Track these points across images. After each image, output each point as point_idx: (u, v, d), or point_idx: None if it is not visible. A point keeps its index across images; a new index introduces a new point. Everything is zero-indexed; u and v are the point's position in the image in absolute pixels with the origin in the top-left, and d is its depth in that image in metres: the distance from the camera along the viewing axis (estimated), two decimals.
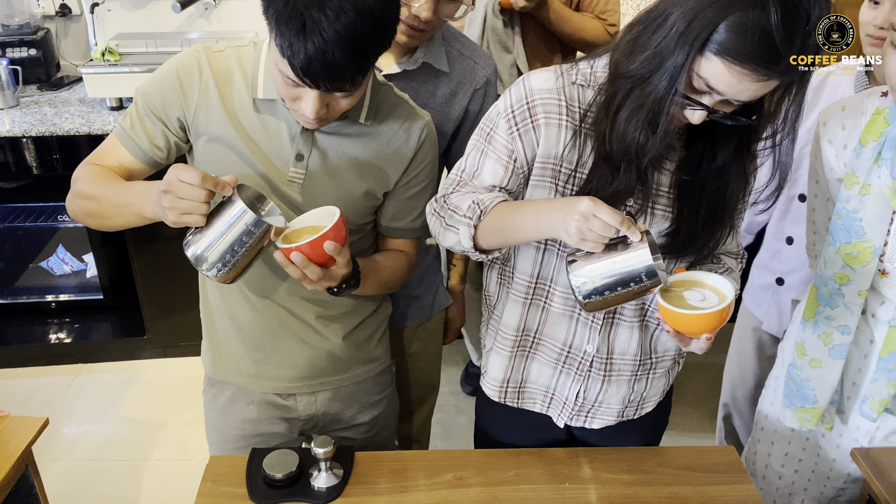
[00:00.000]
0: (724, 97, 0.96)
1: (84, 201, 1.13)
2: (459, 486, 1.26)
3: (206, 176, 0.96)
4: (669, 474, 1.30)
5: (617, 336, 1.23)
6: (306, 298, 1.26)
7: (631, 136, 1.01)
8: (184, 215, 0.98)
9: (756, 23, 0.88)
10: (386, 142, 1.21)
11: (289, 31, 0.95)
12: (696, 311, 1.02)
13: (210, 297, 1.31)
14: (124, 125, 1.16)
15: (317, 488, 1.23)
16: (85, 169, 1.16)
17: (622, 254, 0.98)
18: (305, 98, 1.04)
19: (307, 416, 1.38)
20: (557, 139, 1.10)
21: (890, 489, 1.24)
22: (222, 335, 1.32)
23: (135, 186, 1.10)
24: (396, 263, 1.30)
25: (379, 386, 1.43)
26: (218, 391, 1.38)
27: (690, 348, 1.08)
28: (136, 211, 1.06)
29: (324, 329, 1.30)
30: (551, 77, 1.10)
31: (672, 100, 0.96)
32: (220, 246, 1.00)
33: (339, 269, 1.07)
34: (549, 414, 1.33)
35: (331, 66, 0.97)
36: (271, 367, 1.31)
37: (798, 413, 1.38)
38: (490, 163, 1.14)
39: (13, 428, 1.34)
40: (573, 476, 1.29)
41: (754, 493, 1.26)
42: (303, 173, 1.17)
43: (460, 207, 1.10)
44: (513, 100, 1.11)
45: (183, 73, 1.15)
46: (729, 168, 1.10)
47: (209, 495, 1.23)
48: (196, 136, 1.17)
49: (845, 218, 1.24)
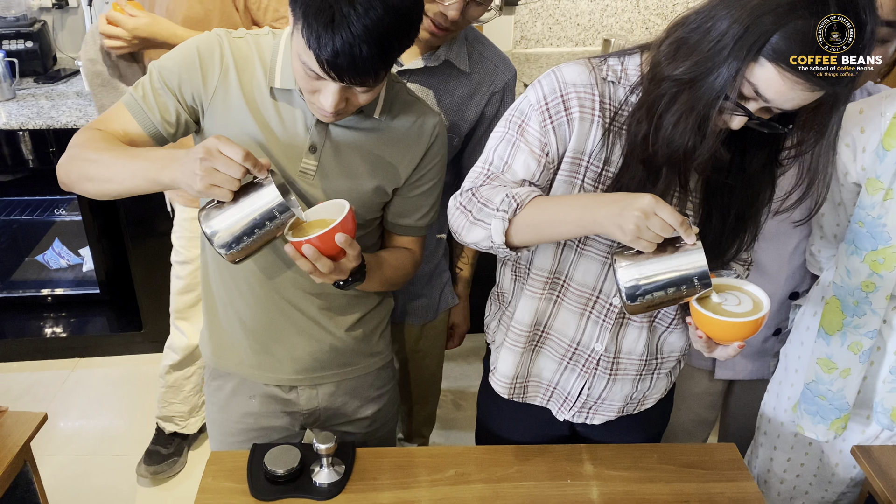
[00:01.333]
0: (769, 104, 0.94)
1: (85, 164, 1.09)
2: (461, 483, 1.26)
3: (248, 154, 0.97)
4: (671, 471, 1.30)
5: (626, 336, 1.22)
6: (309, 291, 1.25)
7: (679, 140, 0.98)
8: (213, 187, 0.97)
9: (816, 32, 0.87)
10: (398, 138, 1.21)
11: (317, 24, 0.95)
12: (735, 319, 1.00)
13: (213, 288, 1.30)
14: (136, 95, 1.14)
15: (318, 484, 1.22)
16: (89, 132, 1.12)
17: (677, 256, 0.96)
18: (325, 91, 1.04)
19: (309, 410, 1.38)
20: (588, 135, 1.08)
21: (890, 487, 1.24)
22: (224, 325, 1.31)
23: (152, 151, 1.07)
24: (401, 261, 1.29)
25: (381, 380, 1.43)
26: (220, 384, 1.38)
27: (715, 354, 1.07)
28: (151, 175, 1.03)
29: (327, 322, 1.29)
30: (584, 70, 1.07)
31: (721, 105, 0.94)
32: (240, 225, 1.00)
33: (348, 262, 1.06)
34: (548, 407, 1.32)
35: (357, 61, 0.97)
36: (273, 359, 1.31)
37: (834, 424, 1.36)
38: (522, 156, 1.09)
39: (11, 423, 1.33)
40: (575, 473, 1.29)
41: (755, 491, 1.26)
42: (315, 165, 1.17)
43: (492, 201, 1.06)
44: (545, 91, 1.07)
45: (204, 54, 1.14)
46: (759, 175, 1.08)
47: (209, 491, 1.22)
48: (210, 119, 1.16)
49: (870, 225, 1.21)
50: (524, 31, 3.14)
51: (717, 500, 1.24)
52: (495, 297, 1.34)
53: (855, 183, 1.26)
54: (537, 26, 3.14)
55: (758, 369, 1.63)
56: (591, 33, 3.17)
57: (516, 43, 3.16)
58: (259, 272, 1.24)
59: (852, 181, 1.27)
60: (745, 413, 1.71)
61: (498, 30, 3.07)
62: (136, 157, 1.06)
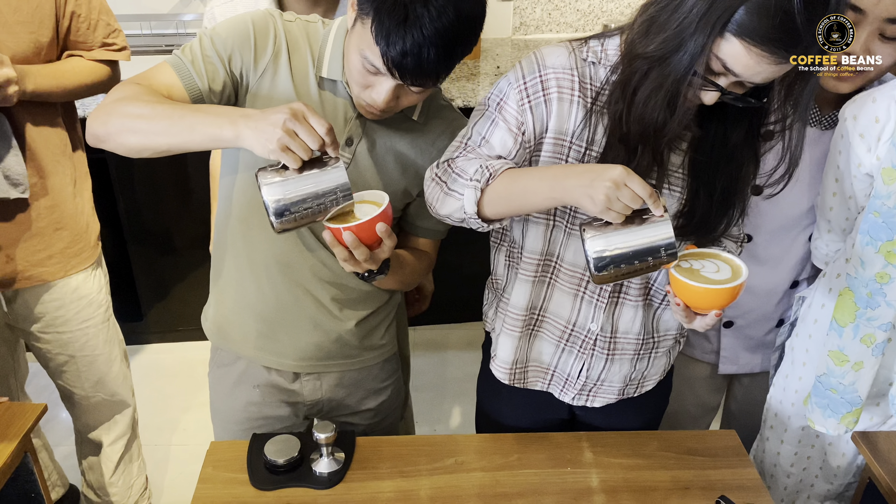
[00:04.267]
0: (739, 78, 0.96)
1: (130, 116, 1.03)
2: (461, 471, 1.26)
3: (331, 128, 0.97)
4: (671, 458, 1.30)
5: (621, 315, 1.23)
6: (327, 280, 1.25)
7: (649, 116, 1.00)
8: (287, 151, 0.95)
9: (778, 5, 0.88)
10: (431, 141, 1.21)
11: (389, 21, 0.95)
12: (710, 286, 1.01)
13: (225, 272, 1.30)
14: (184, 57, 1.11)
15: (318, 473, 1.22)
16: (132, 86, 1.07)
17: (644, 227, 0.98)
18: (379, 86, 1.04)
19: (312, 401, 1.38)
20: (569, 115, 1.09)
21: (890, 472, 1.24)
22: (232, 305, 1.31)
23: (214, 106, 1.05)
24: (418, 262, 1.30)
25: (385, 372, 1.43)
26: (224, 373, 1.38)
27: (695, 325, 1.08)
28: (212, 130, 1.00)
29: (338, 312, 1.29)
30: (564, 53, 1.09)
31: (690, 81, 0.96)
32: (301, 196, 0.99)
33: (382, 253, 1.06)
34: (550, 391, 1.33)
35: (423, 63, 0.98)
36: (278, 344, 1.31)
37: (845, 419, 1.35)
38: (499, 132, 1.11)
39: (12, 414, 1.33)
40: (575, 460, 1.29)
41: (755, 477, 1.26)
42: (349, 158, 1.17)
43: (466, 171, 1.07)
44: (525, 71, 1.09)
45: (259, 31, 1.13)
46: (741, 150, 1.09)
47: (210, 481, 1.23)
48: (254, 96, 1.14)
49: (886, 215, 1.20)
50: (524, 18, 3.12)
51: (716, 487, 1.24)
52: (491, 284, 1.34)
53: (867, 174, 1.25)
54: (537, 12, 3.11)
55: (761, 363, 1.62)
56: (591, 19, 3.15)
57: (515, 29, 3.14)
58: (279, 256, 1.23)
59: (865, 172, 1.25)
60: (749, 403, 1.71)
61: (497, 16, 3.06)
62: (196, 111, 1.02)
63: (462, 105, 2.41)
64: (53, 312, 1.66)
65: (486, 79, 2.63)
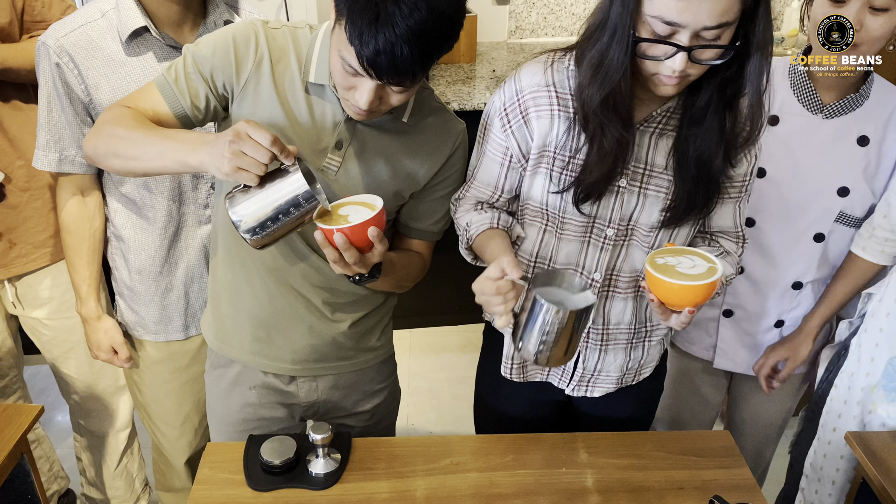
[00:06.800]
0: (686, 27, 0.95)
1: (114, 140, 1.09)
2: (457, 472, 1.27)
3: (275, 139, 0.97)
4: (665, 458, 1.31)
5: (612, 308, 1.26)
6: (318, 285, 1.26)
7: (592, 94, 1.04)
8: (240, 170, 0.97)
9: None
10: (422, 143, 1.22)
11: (361, 21, 0.95)
12: (683, 282, 1.01)
13: (220, 274, 1.31)
14: (168, 77, 1.14)
15: (314, 474, 1.23)
16: (119, 109, 1.12)
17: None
18: (361, 88, 1.04)
19: (308, 403, 1.38)
20: (551, 129, 1.13)
21: (883, 472, 1.25)
22: (228, 311, 1.32)
23: (182, 133, 1.08)
24: (411, 264, 1.30)
25: (381, 375, 1.43)
26: (220, 374, 1.38)
27: (670, 322, 1.09)
28: (180, 157, 1.04)
29: (331, 316, 1.30)
30: (540, 70, 1.13)
31: (629, 46, 0.98)
32: (265, 211, 1.00)
33: (373, 257, 1.07)
34: (549, 381, 1.35)
35: (397, 61, 0.98)
36: (274, 348, 1.32)
37: None
38: (485, 161, 1.21)
39: (8, 416, 1.33)
40: (569, 461, 1.30)
41: (749, 477, 1.27)
42: (339, 162, 1.17)
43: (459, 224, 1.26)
44: (505, 97, 1.16)
45: (240, 42, 1.14)
46: (709, 123, 1.08)
47: (207, 482, 1.23)
48: (239, 107, 1.16)
49: None
50: (519, 22, 3.13)
51: (710, 487, 1.25)
52: None
53: None
54: (532, 16, 3.13)
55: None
56: None
57: (511, 33, 3.15)
58: (270, 261, 1.24)
59: None
60: (751, 410, 1.72)
61: (493, 20, 3.07)
62: (166, 138, 1.06)
63: (458, 108, 2.42)
64: (60, 297, 1.69)
65: (482, 82, 2.65)
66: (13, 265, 1.62)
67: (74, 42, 1.32)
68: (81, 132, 1.38)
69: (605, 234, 1.19)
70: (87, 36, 1.33)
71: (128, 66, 1.34)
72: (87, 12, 1.35)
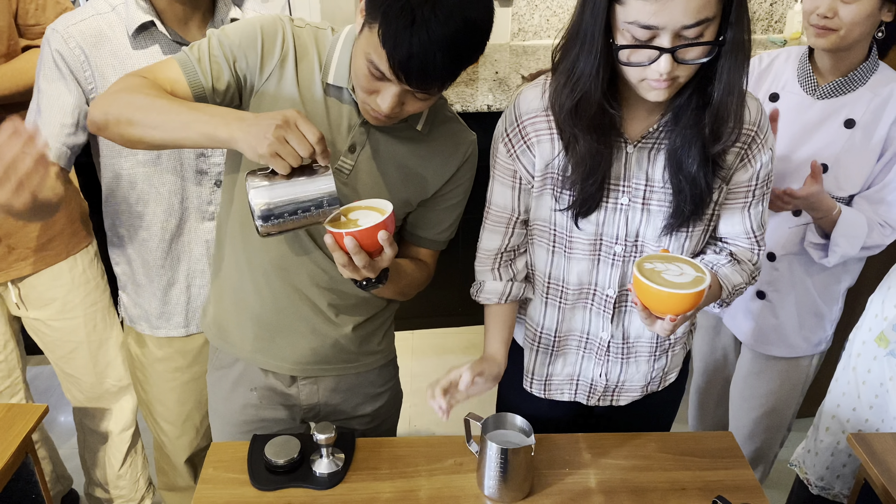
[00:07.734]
0: (664, 28, 0.94)
1: (131, 107, 1.05)
2: (460, 472, 1.27)
3: (322, 138, 0.98)
4: (668, 460, 1.31)
5: (630, 322, 1.26)
6: (323, 286, 1.26)
7: (564, 102, 1.06)
8: (277, 157, 0.97)
9: None
10: (434, 152, 1.22)
11: (396, 24, 0.96)
12: (666, 289, 1.00)
13: (224, 272, 1.31)
14: (191, 55, 1.12)
15: (318, 474, 1.23)
16: (137, 78, 1.08)
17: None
18: (385, 93, 1.04)
19: (309, 405, 1.39)
20: (551, 151, 1.15)
21: (885, 472, 1.25)
22: (231, 308, 1.32)
23: (213, 107, 1.06)
24: (416, 272, 1.30)
25: (382, 378, 1.43)
26: (222, 375, 1.39)
27: (655, 328, 1.08)
28: (207, 130, 1.01)
29: (334, 318, 1.30)
30: (537, 94, 1.15)
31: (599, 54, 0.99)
32: (287, 202, 1.00)
33: (382, 261, 1.06)
34: (577, 400, 1.36)
35: (428, 67, 0.98)
36: (275, 347, 1.32)
37: None
38: (497, 186, 1.23)
39: (13, 416, 1.33)
40: (573, 462, 1.30)
41: (752, 478, 1.27)
42: (351, 165, 1.18)
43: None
44: (507, 123, 1.19)
45: (267, 35, 1.13)
46: (686, 121, 1.07)
47: (211, 482, 1.23)
48: (258, 100, 1.15)
49: None
50: (522, 24, 3.14)
51: (713, 488, 1.25)
52: None
53: None
54: (535, 18, 3.14)
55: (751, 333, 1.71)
56: None
57: (514, 35, 3.16)
58: (276, 261, 1.24)
59: None
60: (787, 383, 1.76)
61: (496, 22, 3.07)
62: (193, 109, 1.04)
63: (461, 110, 2.42)
64: (63, 297, 1.69)
65: (485, 84, 2.65)
66: (12, 269, 1.62)
67: (84, 31, 1.32)
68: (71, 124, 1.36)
69: (614, 251, 1.19)
70: (96, 26, 1.34)
71: (134, 59, 1.35)
72: (97, 5, 1.36)
